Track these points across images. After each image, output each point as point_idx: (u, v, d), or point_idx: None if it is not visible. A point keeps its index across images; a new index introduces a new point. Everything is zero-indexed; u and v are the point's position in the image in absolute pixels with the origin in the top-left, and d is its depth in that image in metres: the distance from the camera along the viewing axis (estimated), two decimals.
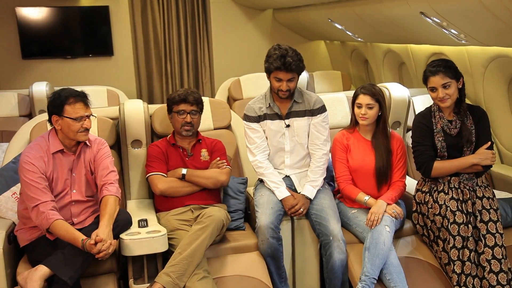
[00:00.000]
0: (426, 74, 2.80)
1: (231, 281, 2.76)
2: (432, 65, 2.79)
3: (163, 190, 2.98)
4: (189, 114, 3.07)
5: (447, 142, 2.84)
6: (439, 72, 2.74)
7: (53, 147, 2.66)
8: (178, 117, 3.08)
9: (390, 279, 2.69)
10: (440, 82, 2.75)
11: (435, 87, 2.77)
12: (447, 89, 2.75)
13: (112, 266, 2.76)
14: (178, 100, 3.08)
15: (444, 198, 2.81)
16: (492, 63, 3.50)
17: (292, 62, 2.85)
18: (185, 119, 3.07)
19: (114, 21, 6.18)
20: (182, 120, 3.07)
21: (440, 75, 2.74)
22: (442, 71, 2.74)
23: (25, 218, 2.66)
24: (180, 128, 3.09)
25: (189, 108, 3.08)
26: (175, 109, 3.09)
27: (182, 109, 3.07)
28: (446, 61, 2.81)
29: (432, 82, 2.77)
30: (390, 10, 3.60)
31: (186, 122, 3.07)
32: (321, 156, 3.05)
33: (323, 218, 2.90)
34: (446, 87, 2.75)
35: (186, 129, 3.08)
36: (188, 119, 3.07)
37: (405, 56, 4.68)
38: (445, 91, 2.75)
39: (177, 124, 3.10)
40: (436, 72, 2.75)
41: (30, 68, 6.02)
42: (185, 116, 3.07)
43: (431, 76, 2.77)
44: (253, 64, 5.98)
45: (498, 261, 2.66)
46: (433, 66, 2.77)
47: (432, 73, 2.76)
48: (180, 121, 3.08)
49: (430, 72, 2.77)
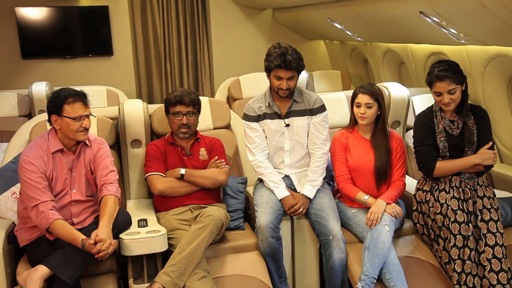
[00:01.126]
0: (432, 79, 2.75)
1: (230, 281, 2.76)
2: (439, 69, 2.73)
3: (161, 190, 2.98)
4: (185, 116, 3.05)
5: (449, 142, 2.83)
6: (446, 78, 2.70)
7: (53, 147, 2.66)
8: (174, 119, 3.06)
9: (390, 278, 2.69)
10: (446, 88, 2.72)
11: (440, 92, 2.76)
12: (453, 94, 2.74)
13: (111, 266, 2.76)
14: (174, 101, 3.05)
15: (445, 197, 2.81)
16: (491, 63, 3.50)
17: (292, 60, 2.85)
18: (181, 120, 3.05)
19: (113, 21, 6.18)
20: (179, 121, 3.05)
21: (447, 81, 2.71)
22: (449, 77, 2.70)
23: (24, 218, 2.66)
24: (177, 130, 3.07)
25: (185, 109, 3.05)
26: (172, 111, 3.07)
27: (178, 110, 3.05)
28: (451, 64, 2.77)
29: (438, 87, 2.74)
30: (390, 9, 3.60)
31: (183, 124, 3.05)
32: (321, 155, 3.05)
33: (322, 217, 2.90)
34: (452, 93, 2.74)
35: (182, 131, 3.06)
36: (184, 120, 3.04)
37: (405, 56, 4.68)
38: (450, 96, 2.74)
39: (174, 126, 3.09)
40: (443, 78, 2.71)
41: (29, 68, 6.02)
42: (181, 117, 3.05)
43: (437, 82, 2.73)
44: (252, 63, 5.97)
45: (499, 260, 2.66)
46: (440, 71, 2.72)
47: (439, 78, 2.72)
48: (176, 123, 3.06)
49: (437, 77, 2.72)
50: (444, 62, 2.80)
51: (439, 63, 2.80)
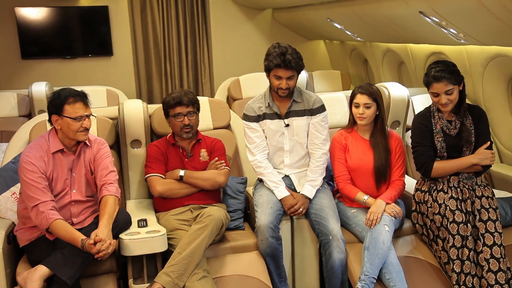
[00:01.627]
0: (429, 80, 2.75)
1: (230, 281, 2.76)
2: (435, 70, 2.73)
3: (161, 192, 2.98)
4: (186, 116, 3.03)
5: (447, 142, 2.84)
6: (443, 79, 2.70)
7: (53, 147, 2.66)
8: (175, 121, 3.05)
9: (390, 278, 2.69)
10: (443, 89, 2.72)
11: (438, 93, 2.76)
12: (450, 95, 2.74)
13: (111, 266, 2.76)
14: (173, 103, 3.02)
15: (444, 197, 2.81)
16: (491, 63, 3.51)
17: (291, 60, 2.86)
18: (183, 121, 3.03)
19: (113, 21, 6.18)
20: (180, 123, 3.03)
21: (444, 82, 2.71)
22: (446, 77, 2.70)
23: (24, 218, 2.66)
24: (180, 131, 3.06)
25: (185, 110, 3.03)
26: (172, 113, 3.05)
27: (179, 112, 3.03)
28: (448, 64, 2.77)
29: (435, 88, 2.74)
30: (389, 9, 3.60)
31: (185, 125, 3.03)
32: (321, 155, 3.05)
33: (322, 217, 2.91)
34: (449, 93, 2.74)
35: (186, 131, 3.05)
36: (186, 121, 3.03)
37: (405, 56, 4.68)
38: (447, 97, 2.74)
39: (176, 128, 3.07)
40: (440, 79, 2.71)
41: (29, 68, 6.02)
42: (182, 118, 3.03)
43: (434, 83, 2.73)
44: (252, 63, 5.97)
45: (497, 260, 2.66)
46: (437, 71, 2.72)
47: (436, 79, 2.72)
48: (178, 125, 3.04)
49: (434, 78, 2.72)
50: (441, 62, 2.80)
51: (436, 63, 2.80)
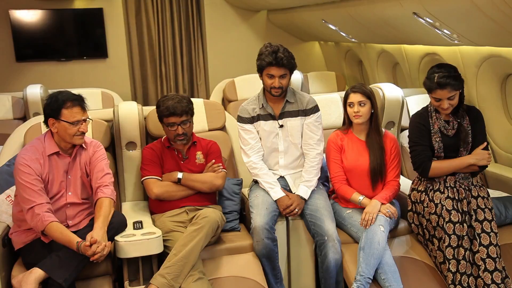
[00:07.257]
0: (433, 86, 2.73)
1: (226, 282, 2.76)
2: (439, 76, 2.71)
3: (158, 194, 2.97)
4: (179, 126, 2.99)
5: (444, 142, 2.84)
6: (447, 86, 2.70)
7: (49, 149, 2.65)
8: (169, 130, 3.02)
9: (385, 278, 2.70)
10: (446, 95, 2.72)
11: (440, 98, 2.76)
12: (452, 100, 2.75)
13: (107, 269, 2.76)
14: (167, 114, 2.98)
15: (440, 197, 2.82)
16: (485, 63, 3.52)
17: (283, 57, 2.88)
18: (176, 131, 3.00)
19: (108, 23, 6.18)
20: (174, 132, 3.01)
21: (448, 88, 2.70)
22: (450, 84, 2.70)
23: (19, 220, 2.66)
24: (174, 139, 3.04)
25: (179, 119, 2.98)
26: (165, 121, 3.02)
27: (172, 122, 2.98)
28: (450, 70, 2.74)
29: (439, 94, 2.74)
30: (383, 10, 3.61)
31: (179, 134, 3.01)
32: (315, 156, 3.05)
33: (318, 218, 2.91)
34: (452, 99, 2.75)
35: (179, 139, 3.02)
36: (179, 131, 2.99)
37: (399, 57, 4.70)
38: (449, 102, 2.75)
39: (170, 135, 3.05)
40: (445, 86, 2.70)
41: (24, 71, 6.01)
42: (176, 128, 3.00)
43: (438, 89, 2.72)
44: (247, 65, 5.94)
45: (493, 260, 2.67)
46: (441, 78, 2.70)
47: (441, 86, 2.70)
48: (172, 133, 3.02)
49: (439, 85, 2.70)
50: (443, 67, 2.77)
51: (439, 68, 2.77)
